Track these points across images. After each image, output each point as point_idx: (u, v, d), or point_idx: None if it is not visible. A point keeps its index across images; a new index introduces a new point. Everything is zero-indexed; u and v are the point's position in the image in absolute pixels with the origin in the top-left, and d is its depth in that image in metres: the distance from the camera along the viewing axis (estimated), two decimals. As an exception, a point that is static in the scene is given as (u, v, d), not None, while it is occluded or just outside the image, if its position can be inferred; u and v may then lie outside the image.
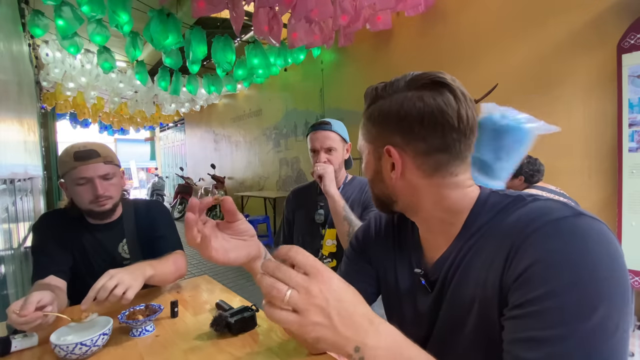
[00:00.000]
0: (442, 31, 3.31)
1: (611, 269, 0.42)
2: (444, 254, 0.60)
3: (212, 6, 2.78)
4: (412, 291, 0.66)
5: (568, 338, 0.40)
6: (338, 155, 1.42)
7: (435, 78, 0.55)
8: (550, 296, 0.42)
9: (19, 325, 0.83)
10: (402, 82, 0.58)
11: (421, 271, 0.63)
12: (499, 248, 0.50)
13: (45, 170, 6.78)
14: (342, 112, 4.64)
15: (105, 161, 1.17)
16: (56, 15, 3.01)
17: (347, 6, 2.99)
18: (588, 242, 0.43)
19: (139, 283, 0.96)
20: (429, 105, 0.54)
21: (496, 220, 0.53)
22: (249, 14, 3.38)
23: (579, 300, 0.40)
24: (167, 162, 13.16)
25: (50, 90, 6.49)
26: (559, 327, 0.40)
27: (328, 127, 1.41)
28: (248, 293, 3.48)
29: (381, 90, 0.60)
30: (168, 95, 5.96)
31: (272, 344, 0.83)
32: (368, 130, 0.63)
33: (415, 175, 0.58)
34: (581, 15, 2.39)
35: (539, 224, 0.46)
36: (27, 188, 3.28)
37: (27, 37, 4.44)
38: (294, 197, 1.61)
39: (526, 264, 0.45)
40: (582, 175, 2.45)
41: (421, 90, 0.55)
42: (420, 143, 0.55)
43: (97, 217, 1.22)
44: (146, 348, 0.83)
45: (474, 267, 0.54)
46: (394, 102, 0.57)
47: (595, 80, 2.36)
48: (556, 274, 0.42)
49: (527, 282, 0.44)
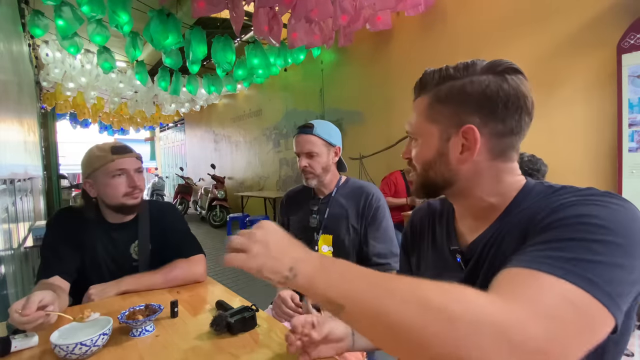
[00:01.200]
0: (442, 31, 3.31)
1: (637, 230, 0.44)
2: (481, 235, 0.62)
3: (212, 6, 2.78)
4: (443, 269, 0.68)
5: (568, 242, 0.43)
6: (320, 160, 1.36)
7: (514, 65, 0.58)
8: (557, 222, 0.47)
9: (21, 325, 0.83)
10: (478, 67, 0.59)
11: (458, 248, 0.66)
12: (533, 217, 0.52)
13: (45, 170, 6.78)
14: (341, 112, 4.64)
15: (137, 157, 1.25)
16: (56, 16, 3.01)
17: (347, 6, 2.99)
18: (618, 207, 0.46)
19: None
20: (514, 88, 0.56)
21: (537, 201, 0.56)
22: (249, 14, 3.38)
23: (592, 222, 0.44)
24: (167, 162, 13.16)
25: (50, 90, 6.49)
26: (563, 234, 0.45)
27: (309, 131, 1.36)
28: (248, 293, 3.48)
29: (454, 71, 0.60)
30: (168, 95, 5.97)
31: (272, 344, 0.83)
32: (437, 110, 0.61)
33: (483, 157, 0.59)
34: (581, 15, 2.39)
35: (583, 194, 0.50)
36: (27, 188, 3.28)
37: (27, 37, 4.44)
38: (287, 202, 1.57)
39: (545, 217, 0.49)
40: (582, 175, 2.45)
41: (503, 74, 0.57)
42: (499, 124, 0.57)
43: (127, 211, 1.25)
44: (146, 348, 0.83)
45: (509, 241, 0.56)
46: (477, 83, 0.57)
47: (595, 80, 2.36)
48: (572, 209, 0.47)
49: (542, 225, 0.49)
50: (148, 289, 1.21)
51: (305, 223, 1.44)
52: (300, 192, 1.55)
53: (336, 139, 1.41)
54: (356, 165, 4.34)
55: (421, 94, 0.64)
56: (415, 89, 0.66)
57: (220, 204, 6.80)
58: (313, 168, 1.36)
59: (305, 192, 1.52)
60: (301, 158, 1.37)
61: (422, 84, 0.64)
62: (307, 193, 1.50)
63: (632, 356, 1.98)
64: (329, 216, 1.40)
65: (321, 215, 1.41)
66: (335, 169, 1.45)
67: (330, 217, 1.40)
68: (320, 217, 1.41)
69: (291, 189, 1.61)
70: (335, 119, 4.72)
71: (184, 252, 1.30)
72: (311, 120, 1.39)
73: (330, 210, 1.40)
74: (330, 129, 1.40)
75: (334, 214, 1.40)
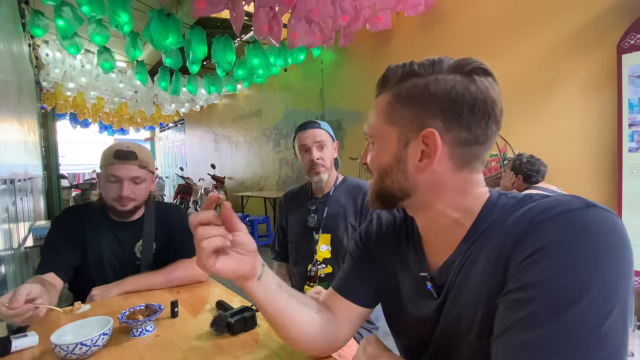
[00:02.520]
0: (442, 31, 3.31)
1: (607, 259, 0.41)
2: (450, 257, 0.56)
3: (212, 6, 2.78)
4: (415, 295, 0.63)
5: (548, 325, 0.39)
6: (329, 153, 1.40)
7: (483, 65, 0.52)
8: (538, 284, 0.41)
9: (10, 318, 0.83)
10: (445, 64, 0.53)
11: (427, 275, 0.60)
12: (503, 243, 0.48)
13: (45, 170, 6.78)
14: (341, 112, 4.64)
15: (141, 165, 1.23)
16: (56, 16, 3.01)
17: (347, 6, 2.99)
18: (588, 233, 0.42)
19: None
20: (482, 91, 0.50)
21: (502, 218, 0.51)
22: (249, 14, 3.38)
23: (566, 288, 0.40)
24: (167, 162, 13.15)
25: (50, 90, 6.48)
26: (542, 314, 0.40)
27: (317, 126, 1.40)
28: (248, 293, 3.47)
29: (419, 67, 0.53)
30: (168, 95, 5.96)
31: (272, 344, 0.83)
32: (396, 110, 0.54)
33: (444, 166, 0.53)
34: (581, 16, 2.39)
35: (548, 215, 0.45)
36: (27, 188, 3.28)
37: (27, 37, 4.44)
38: (286, 202, 1.58)
39: (526, 254, 0.44)
40: (581, 176, 2.45)
41: (471, 75, 0.51)
42: (463, 131, 0.51)
43: (117, 215, 1.27)
44: (146, 348, 0.83)
45: (479, 265, 0.51)
46: (441, 83, 0.51)
47: (595, 80, 2.36)
48: (549, 262, 0.42)
49: (522, 269, 0.44)
50: (150, 289, 1.22)
51: (304, 223, 1.44)
52: (298, 193, 1.56)
53: (334, 135, 1.47)
54: (356, 165, 4.34)
55: (382, 91, 0.58)
56: (378, 86, 0.59)
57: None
58: (324, 160, 1.37)
59: (303, 192, 1.53)
60: (312, 150, 1.38)
61: (384, 80, 0.57)
62: (305, 193, 1.52)
63: (632, 356, 1.98)
64: (328, 215, 1.40)
65: (319, 214, 1.42)
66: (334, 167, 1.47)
67: (328, 216, 1.40)
68: (318, 216, 1.42)
69: (289, 190, 1.62)
70: (335, 119, 4.72)
71: (186, 252, 1.30)
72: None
73: (328, 209, 1.41)
74: (329, 125, 1.46)
75: (333, 213, 1.40)
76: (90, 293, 1.17)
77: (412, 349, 0.67)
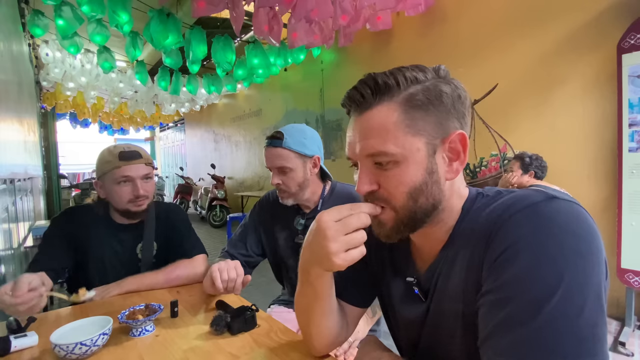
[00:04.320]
0: (442, 31, 3.31)
1: (576, 249, 0.41)
2: (435, 260, 0.57)
3: (212, 6, 2.78)
4: (404, 299, 0.64)
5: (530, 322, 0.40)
6: (295, 176, 1.15)
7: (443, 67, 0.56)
8: (513, 282, 0.42)
9: (14, 307, 0.81)
10: (430, 71, 0.53)
11: (414, 280, 0.61)
12: (475, 243, 0.50)
13: (45, 170, 6.79)
14: (342, 112, 4.64)
15: (147, 163, 1.23)
16: (56, 15, 3.01)
17: (347, 6, 2.99)
18: (554, 226, 0.43)
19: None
20: (465, 91, 0.54)
21: (475, 217, 0.52)
22: (249, 14, 3.38)
23: (540, 283, 0.41)
24: (167, 162, 13.16)
25: (50, 90, 6.49)
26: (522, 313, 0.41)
27: (278, 143, 1.13)
28: (248, 293, 3.47)
29: (417, 73, 0.52)
30: (168, 95, 5.97)
31: (272, 344, 0.83)
32: (416, 118, 0.50)
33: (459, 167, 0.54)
34: (581, 16, 2.39)
35: (511, 211, 0.46)
36: (27, 188, 3.29)
37: (27, 37, 4.44)
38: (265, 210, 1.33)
39: (498, 252, 0.45)
40: (582, 175, 2.45)
41: (450, 79, 0.53)
42: (466, 127, 0.54)
43: (132, 216, 1.25)
44: (146, 348, 0.83)
45: (457, 267, 0.53)
46: (444, 85, 0.52)
47: (595, 80, 2.36)
48: (521, 259, 0.43)
49: (496, 269, 0.45)
50: (150, 288, 1.22)
51: (293, 242, 1.27)
52: (281, 206, 1.26)
53: (312, 147, 1.16)
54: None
55: (382, 101, 0.51)
56: (364, 97, 0.52)
57: (220, 203, 6.80)
58: (287, 186, 1.16)
59: (289, 211, 1.29)
60: (273, 175, 1.17)
61: (379, 88, 0.51)
62: (291, 213, 1.28)
63: (632, 356, 1.98)
64: None
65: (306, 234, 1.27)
66: (317, 179, 1.23)
67: None
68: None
69: (268, 197, 1.35)
70: (335, 119, 4.73)
71: (186, 252, 1.30)
72: (283, 127, 1.17)
73: None
74: (303, 136, 1.16)
75: None
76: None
77: (405, 348, 0.69)
